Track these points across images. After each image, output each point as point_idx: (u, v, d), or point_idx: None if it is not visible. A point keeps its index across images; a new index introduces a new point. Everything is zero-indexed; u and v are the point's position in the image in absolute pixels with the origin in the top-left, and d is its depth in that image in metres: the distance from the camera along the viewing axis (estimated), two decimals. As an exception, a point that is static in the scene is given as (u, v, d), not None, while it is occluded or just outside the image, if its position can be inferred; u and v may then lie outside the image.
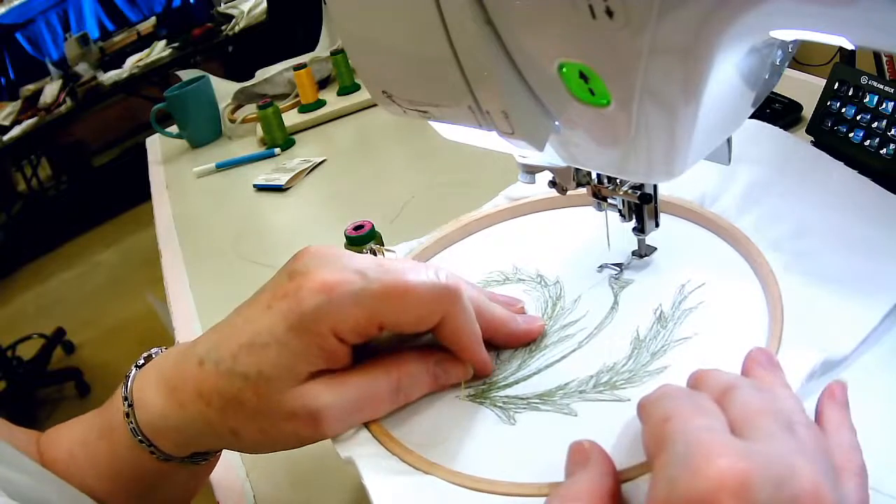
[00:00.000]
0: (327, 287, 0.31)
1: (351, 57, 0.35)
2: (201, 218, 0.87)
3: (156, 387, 0.34)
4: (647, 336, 0.37)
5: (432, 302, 0.33)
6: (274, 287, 0.33)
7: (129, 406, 0.34)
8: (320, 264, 0.32)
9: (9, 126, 3.52)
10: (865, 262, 0.37)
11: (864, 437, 0.30)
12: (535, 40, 0.26)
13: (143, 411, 0.34)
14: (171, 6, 4.31)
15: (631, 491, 0.28)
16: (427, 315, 0.33)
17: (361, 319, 0.32)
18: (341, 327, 0.31)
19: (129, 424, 0.34)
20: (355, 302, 0.31)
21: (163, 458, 0.34)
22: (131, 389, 0.35)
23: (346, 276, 0.31)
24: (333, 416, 0.32)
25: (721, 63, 0.25)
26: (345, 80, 1.07)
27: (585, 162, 0.34)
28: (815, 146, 0.52)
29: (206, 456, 0.37)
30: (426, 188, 0.74)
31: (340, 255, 0.33)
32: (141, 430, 0.34)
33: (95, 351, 2.50)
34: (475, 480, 0.31)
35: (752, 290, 0.38)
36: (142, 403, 0.34)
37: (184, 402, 0.33)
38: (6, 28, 4.38)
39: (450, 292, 0.33)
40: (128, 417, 0.34)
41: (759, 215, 0.42)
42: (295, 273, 0.32)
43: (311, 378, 0.32)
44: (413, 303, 0.32)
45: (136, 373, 0.36)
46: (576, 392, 0.35)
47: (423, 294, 0.32)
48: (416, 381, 0.35)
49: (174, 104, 1.09)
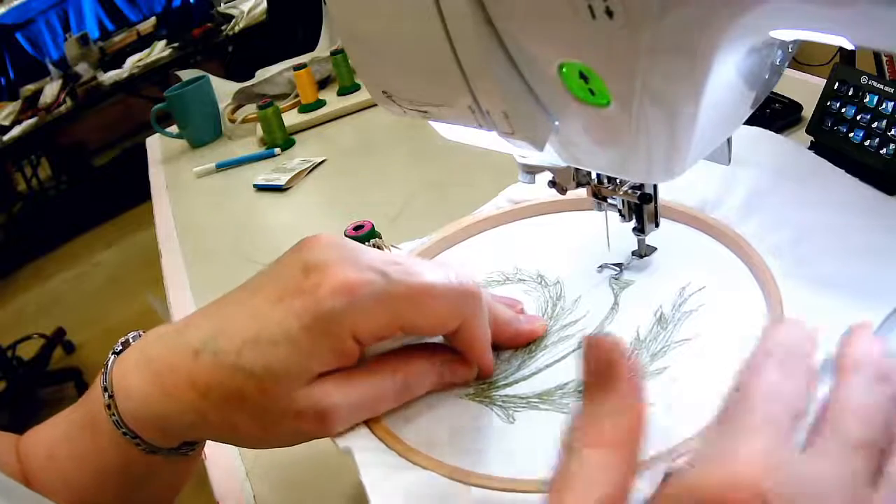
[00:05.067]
0: (349, 288, 0.30)
1: (351, 57, 0.35)
2: (201, 218, 0.87)
3: (139, 372, 0.32)
4: (647, 337, 0.37)
5: (454, 306, 0.32)
6: (285, 280, 0.31)
7: (109, 397, 0.32)
8: (339, 260, 0.31)
9: (9, 126, 3.52)
10: (865, 268, 0.37)
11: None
12: (535, 40, 0.26)
13: (126, 400, 0.32)
14: (171, 6, 4.31)
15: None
16: (448, 320, 0.32)
17: (383, 322, 0.31)
18: (361, 330, 0.31)
19: (112, 416, 0.32)
20: (378, 304, 0.30)
21: (149, 451, 0.33)
22: (110, 379, 0.32)
23: (369, 277, 0.30)
24: (341, 416, 0.32)
25: (721, 63, 0.25)
26: (345, 80, 1.07)
27: (585, 162, 0.34)
28: (815, 146, 0.52)
29: (193, 446, 0.35)
30: (426, 188, 0.74)
31: (355, 248, 0.32)
32: (124, 421, 0.32)
33: (95, 351, 2.50)
34: (472, 475, 0.31)
35: (753, 294, 0.38)
36: (124, 392, 0.32)
37: (171, 391, 0.31)
38: (6, 28, 4.38)
39: (472, 295, 0.32)
40: (109, 409, 0.32)
41: (760, 221, 0.42)
42: (311, 268, 0.31)
43: (320, 377, 0.31)
44: (436, 307, 0.32)
45: (115, 360, 0.33)
46: (575, 392, 0.35)
47: (447, 298, 0.32)
48: (421, 381, 0.34)
49: (174, 104, 1.09)
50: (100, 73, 3.60)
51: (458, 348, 0.35)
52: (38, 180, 4.22)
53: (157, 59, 3.46)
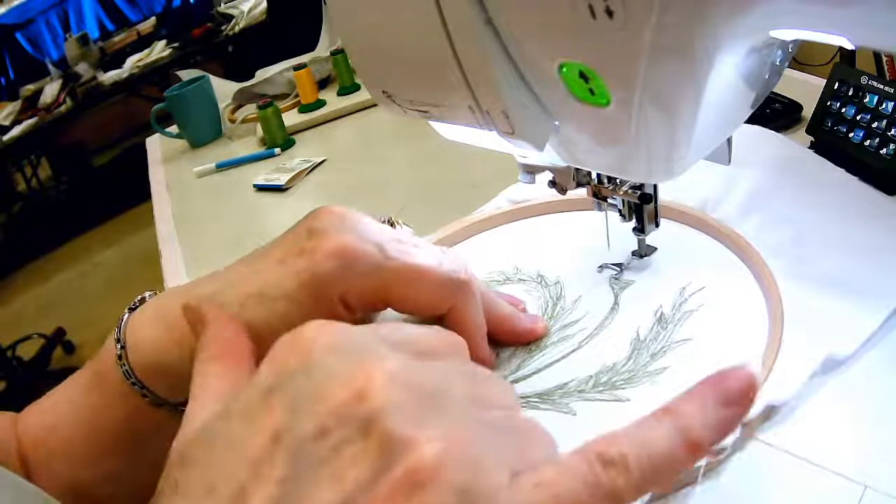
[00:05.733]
0: (344, 253, 0.31)
1: (351, 57, 0.35)
2: (201, 218, 0.87)
3: (152, 324, 0.33)
4: (647, 337, 0.37)
5: (443, 291, 0.33)
6: (290, 242, 0.33)
7: (121, 348, 0.33)
8: (341, 227, 0.32)
9: (9, 126, 3.51)
10: (865, 268, 0.37)
11: (864, 438, 0.30)
12: (535, 40, 0.26)
13: (137, 352, 0.33)
14: (171, 6, 4.30)
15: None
16: (437, 302, 0.33)
17: (369, 292, 0.32)
18: (350, 295, 0.32)
19: (122, 367, 0.33)
20: (369, 274, 0.31)
21: (156, 404, 0.33)
22: (124, 332, 0.33)
23: (365, 248, 0.32)
24: None
25: (721, 63, 0.25)
26: (345, 80, 1.07)
27: (585, 162, 0.34)
28: (815, 146, 0.52)
29: None
30: (426, 188, 0.74)
31: (360, 219, 0.33)
32: (134, 372, 0.33)
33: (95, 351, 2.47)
34: None
35: (753, 294, 0.38)
36: (135, 344, 0.33)
37: (181, 341, 0.32)
38: (6, 28, 4.37)
39: (462, 284, 0.33)
40: (120, 360, 0.33)
41: (760, 221, 0.42)
42: (314, 231, 0.32)
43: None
44: (424, 289, 0.33)
45: (129, 316, 0.34)
46: (575, 392, 0.34)
47: (436, 282, 0.32)
48: None
49: (174, 104, 1.08)
50: (100, 73, 3.60)
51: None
52: (38, 180, 4.22)
53: (157, 59, 3.46)
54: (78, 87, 3.48)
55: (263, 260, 0.33)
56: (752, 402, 0.21)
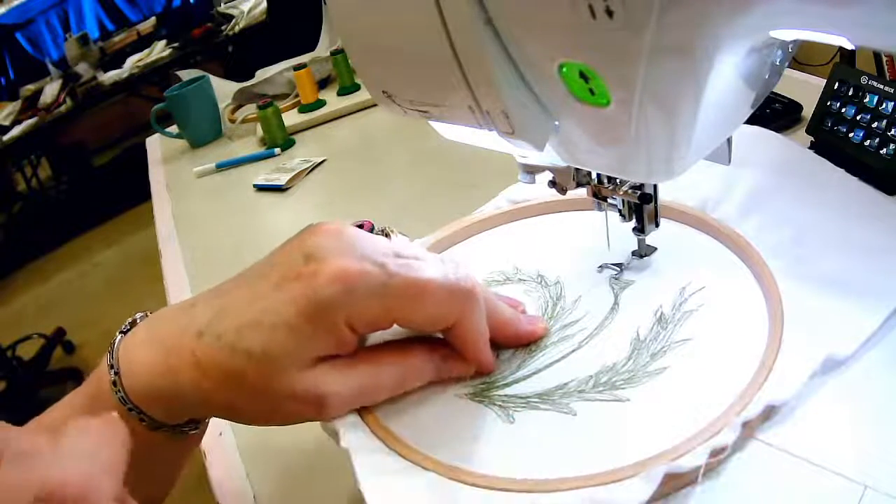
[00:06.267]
0: (346, 277, 0.30)
1: (351, 57, 0.35)
2: (201, 218, 0.87)
3: (145, 349, 0.33)
4: (647, 337, 0.37)
5: (450, 304, 0.32)
6: (285, 265, 0.32)
7: (115, 374, 0.32)
8: (338, 249, 0.31)
9: (9, 126, 3.51)
10: (865, 268, 0.37)
11: (864, 438, 0.30)
12: (535, 40, 0.26)
13: (131, 376, 0.32)
14: (171, 6, 4.30)
15: (619, 491, 0.28)
16: (444, 315, 0.33)
17: (377, 313, 0.31)
18: (356, 319, 0.31)
19: (117, 393, 0.32)
20: (372, 295, 0.31)
21: (152, 427, 0.33)
22: (117, 357, 0.33)
23: (366, 268, 0.31)
24: (338, 402, 0.32)
25: (721, 63, 0.25)
26: (345, 80, 1.07)
27: (585, 162, 0.34)
28: (815, 146, 0.52)
29: (196, 424, 0.35)
30: (426, 188, 0.74)
31: (356, 237, 0.32)
32: (129, 398, 0.32)
33: (95, 351, 2.50)
34: (471, 475, 0.31)
35: (753, 294, 0.38)
36: (130, 369, 0.32)
37: (178, 369, 0.32)
38: (6, 28, 4.37)
39: (468, 295, 0.33)
40: (115, 386, 0.32)
41: (761, 221, 0.42)
42: (311, 256, 0.31)
43: (318, 362, 0.32)
44: (431, 303, 0.32)
45: (121, 339, 0.34)
46: (575, 392, 0.34)
47: (442, 295, 0.32)
48: (419, 374, 0.35)
49: (174, 104, 1.08)
50: (100, 73, 3.60)
51: (454, 344, 0.35)
52: (38, 180, 4.22)
53: (157, 59, 3.46)
54: (78, 87, 3.48)
55: (259, 283, 0.32)
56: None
